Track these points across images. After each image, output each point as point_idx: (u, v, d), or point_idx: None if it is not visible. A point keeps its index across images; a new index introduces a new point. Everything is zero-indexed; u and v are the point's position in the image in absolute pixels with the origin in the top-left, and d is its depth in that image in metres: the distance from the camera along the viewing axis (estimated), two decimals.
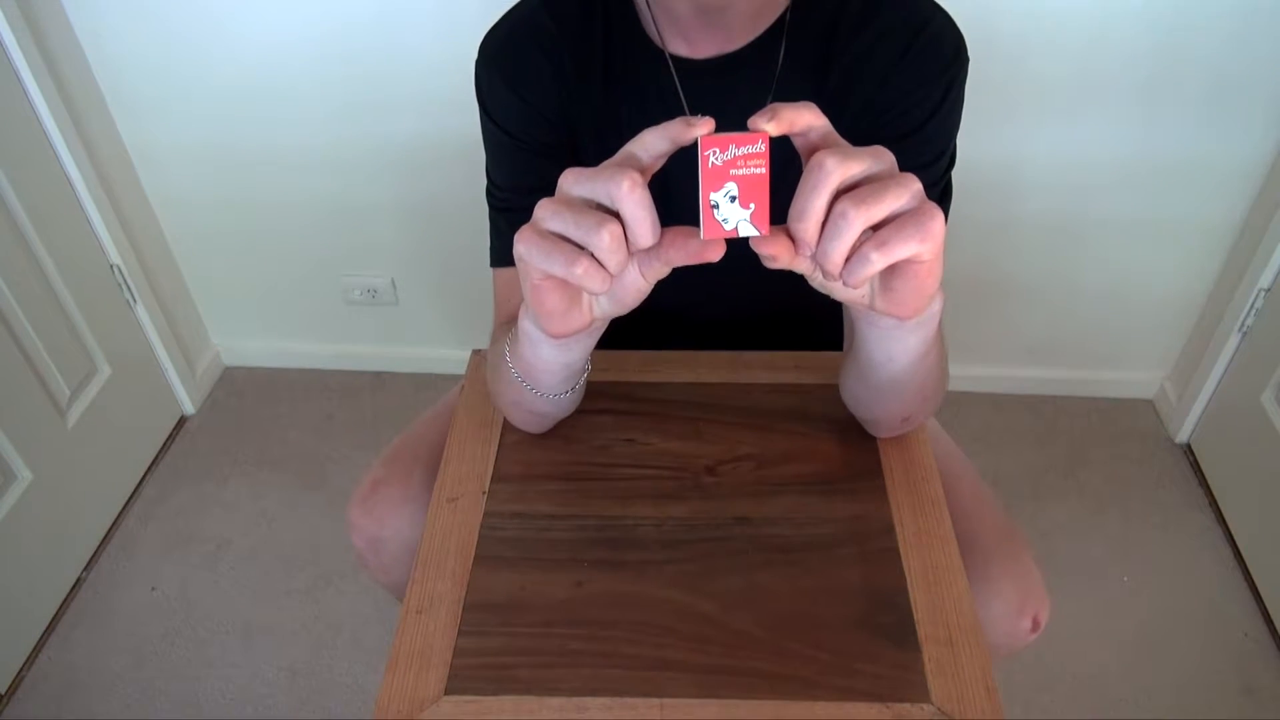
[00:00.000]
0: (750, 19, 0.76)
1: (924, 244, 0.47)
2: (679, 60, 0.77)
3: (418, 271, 1.73)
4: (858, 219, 0.46)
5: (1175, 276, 1.60)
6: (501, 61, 0.79)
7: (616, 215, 0.48)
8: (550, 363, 0.66)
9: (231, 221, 1.67)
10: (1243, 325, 1.51)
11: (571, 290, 0.54)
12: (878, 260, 0.47)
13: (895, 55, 0.74)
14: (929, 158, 0.76)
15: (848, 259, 0.48)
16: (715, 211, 0.47)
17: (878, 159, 0.48)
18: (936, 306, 0.58)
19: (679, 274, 0.51)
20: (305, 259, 1.72)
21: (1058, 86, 1.37)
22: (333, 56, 1.43)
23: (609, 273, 0.49)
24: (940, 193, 0.79)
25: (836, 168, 0.46)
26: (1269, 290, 1.46)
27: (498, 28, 0.80)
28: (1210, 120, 1.39)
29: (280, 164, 1.57)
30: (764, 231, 0.48)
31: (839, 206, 0.46)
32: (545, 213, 0.50)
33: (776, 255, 0.49)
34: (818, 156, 0.47)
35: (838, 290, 0.53)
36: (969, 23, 0.77)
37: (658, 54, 0.77)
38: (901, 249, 0.47)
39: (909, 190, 0.47)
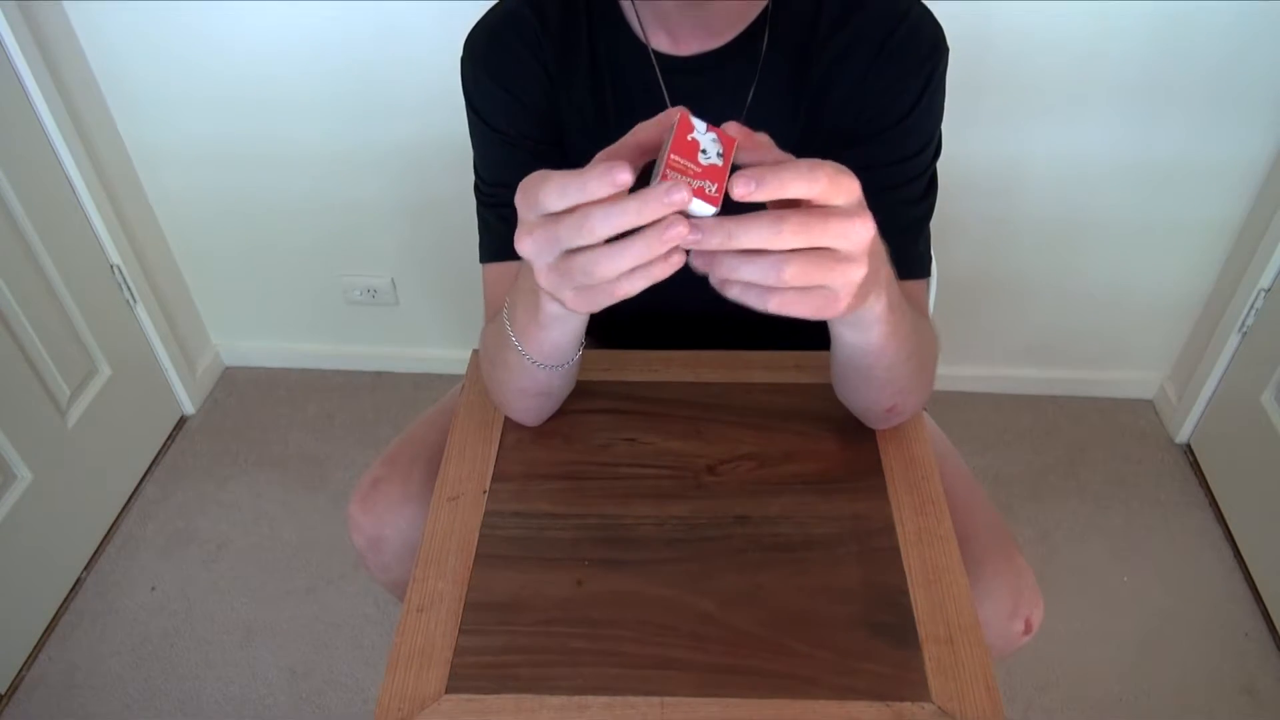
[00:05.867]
0: (733, 16, 0.76)
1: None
2: (662, 56, 0.78)
3: (418, 271, 1.73)
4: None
5: (1175, 276, 1.60)
6: (486, 56, 0.79)
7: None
8: (558, 321, 0.64)
9: (232, 221, 1.68)
10: (1243, 325, 1.51)
11: None
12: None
13: (874, 49, 0.75)
14: (913, 149, 0.77)
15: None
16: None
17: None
18: (876, 310, 0.58)
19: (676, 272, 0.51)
20: (305, 259, 1.72)
21: (1058, 86, 1.37)
22: (333, 57, 1.44)
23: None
24: (926, 184, 0.79)
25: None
26: (1269, 290, 1.46)
27: (482, 22, 0.81)
28: (1210, 120, 1.39)
29: (280, 164, 1.57)
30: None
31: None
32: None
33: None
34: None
35: None
36: (969, 23, 0.77)
37: (641, 50, 0.78)
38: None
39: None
